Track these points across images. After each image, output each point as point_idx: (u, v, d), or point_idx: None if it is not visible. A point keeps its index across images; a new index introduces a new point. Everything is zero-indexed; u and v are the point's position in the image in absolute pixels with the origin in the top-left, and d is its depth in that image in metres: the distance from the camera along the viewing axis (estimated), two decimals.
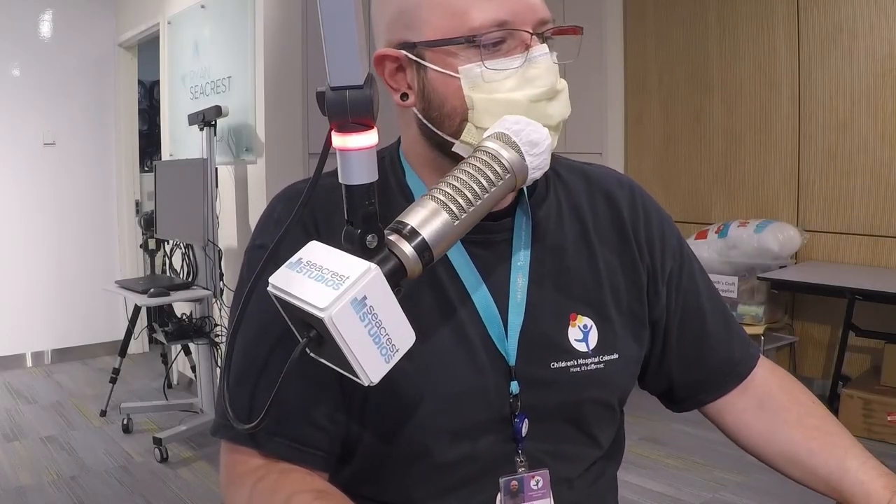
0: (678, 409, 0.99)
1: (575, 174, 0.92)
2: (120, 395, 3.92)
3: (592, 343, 0.83)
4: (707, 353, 0.94)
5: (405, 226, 0.64)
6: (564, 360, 0.82)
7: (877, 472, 0.83)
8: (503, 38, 0.74)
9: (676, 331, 0.92)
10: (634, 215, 0.91)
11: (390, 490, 0.82)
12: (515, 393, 0.80)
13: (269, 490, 0.73)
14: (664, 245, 0.92)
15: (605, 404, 0.86)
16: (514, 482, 0.81)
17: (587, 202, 0.89)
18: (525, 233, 0.84)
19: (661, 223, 0.93)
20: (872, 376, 3.54)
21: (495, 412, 0.80)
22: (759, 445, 0.94)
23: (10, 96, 4.55)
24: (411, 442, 0.78)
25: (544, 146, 0.71)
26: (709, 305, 0.94)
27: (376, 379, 0.60)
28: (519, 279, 0.82)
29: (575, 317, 0.84)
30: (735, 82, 4.12)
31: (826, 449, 0.88)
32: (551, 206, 0.87)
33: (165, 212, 3.78)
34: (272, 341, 0.76)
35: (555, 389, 0.82)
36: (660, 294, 0.90)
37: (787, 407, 0.94)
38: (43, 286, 4.70)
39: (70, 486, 2.97)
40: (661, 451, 3.14)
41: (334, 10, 0.57)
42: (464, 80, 0.74)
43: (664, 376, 0.94)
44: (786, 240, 3.68)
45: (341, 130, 0.61)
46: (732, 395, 0.95)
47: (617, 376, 0.86)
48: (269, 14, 3.41)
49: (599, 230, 0.88)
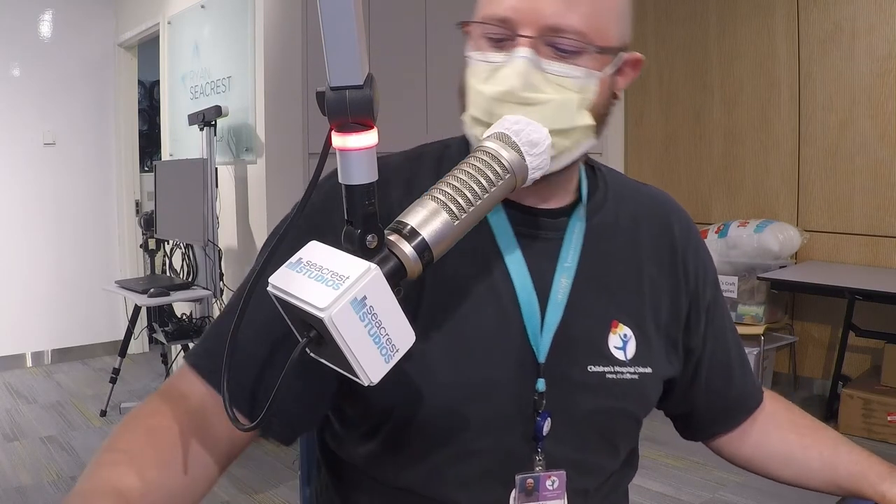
0: (690, 437, 1.01)
1: (635, 192, 0.93)
2: (120, 395, 3.92)
3: (630, 353, 0.84)
4: (730, 386, 0.96)
5: (405, 226, 0.64)
6: (602, 365, 0.82)
7: (867, 454, 0.90)
8: (504, 35, 0.75)
9: (707, 361, 0.94)
10: (686, 242, 0.92)
11: (407, 475, 0.81)
12: (541, 391, 0.80)
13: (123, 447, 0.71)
14: (706, 277, 0.93)
15: (632, 416, 0.87)
16: (529, 480, 0.81)
17: (644, 220, 0.90)
18: (577, 236, 0.84)
19: (706, 257, 0.95)
20: (872, 376, 3.54)
21: (520, 408, 0.80)
22: (757, 455, 0.97)
23: (10, 96, 4.55)
24: (439, 426, 0.78)
25: (544, 146, 0.71)
26: (732, 340, 0.97)
27: (376, 379, 0.60)
28: (563, 280, 0.82)
29: (616, 324, 0.84)
30: (735, 82, 4.12)
31: (818, 442, 0.93)
32: (608, 214, 0.88)
33: (165, 212, 3.78)
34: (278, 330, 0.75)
35: (588, 393, 0.82)
36: (700, 322, 0.92)
37: (777, 412, 0.99)
38: (43, 286, 4.70)
39: (70, 486, 2.96)
40: (661, 451, 3.14)
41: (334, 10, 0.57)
42: (467, 64, 0.78)
43: (688, 403, 0.96)
44: (786, 240, 3.68)
45: (341, 130, 0.61)
46: (741, 428, 0.98)
47: (649, 390, 0.86)
48: (269, 14, 3.41)
49: (650, 248, 0.89)
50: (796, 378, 3.97)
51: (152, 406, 0.75)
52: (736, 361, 0.97)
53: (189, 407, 0.74)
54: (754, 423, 0.98)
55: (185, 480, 0.71)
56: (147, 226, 4.17)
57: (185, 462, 0.71)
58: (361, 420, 0.82)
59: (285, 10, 3.43)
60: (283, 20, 3.43)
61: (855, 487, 0.88)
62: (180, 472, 0.71)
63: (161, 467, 0.70)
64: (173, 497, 0.70)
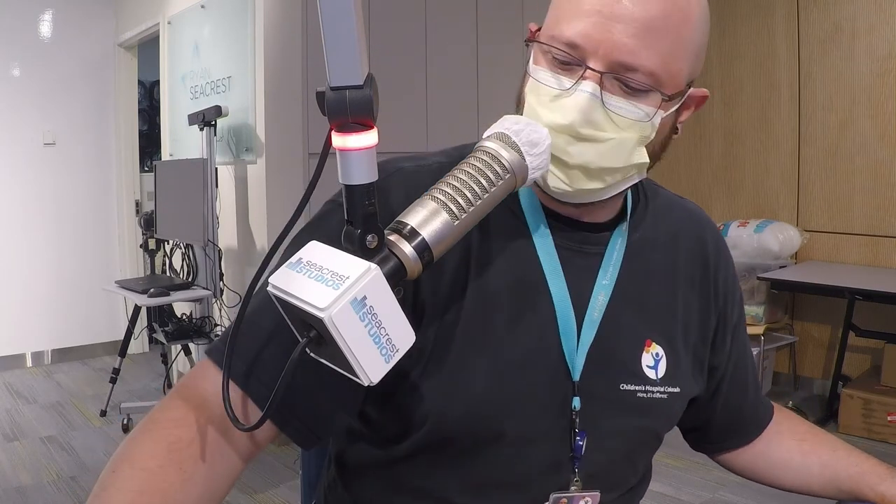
0: (702, 450, 1.02)
1: (674, 206, 0.93)
2: (120, 395, 3.92)
3: (661, 372, 0.84)
4: (746, 403, 0.97)
5: (405, 226, 0.64)
6: (634, 384, 0.82)
7: (865, 456, 0.90)
8: (573, 59, 0.72)
9: (728, 379, 0.94)
10: (718, 260, 0.92)
11: (431, 480, 0.81)
12: (577, 409, 0.79)
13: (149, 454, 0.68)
14: (735, 296, 0.94)
15: (657, 435, 0.88)
16: (563, 500, 0.80)
17: (683, 236, 0.90)
18: (619, 252, 0.83)
19: (735, 277, 0.95)
20: (872, 376, 3.54)
21: (552, 424, 0.79)
22: (758, 463, 0.98)
23: (10, 96, 4.55)
24: (471, 435, 0.78)
25: (544, 146, 0.71)
26: (750, 359, 0.98)
27: (376, 379, 0.60)
28: (601, 297, 0.81)
29: (650, 343, 0.84)
30: (735, 82, 4.12)
31: (816, 446, 0.94)
32: (647, 230, 0.87)
33: (165, 212, 3.78)
34: None
35: (619, 411, 0.82)
36: (726, 341, 0.92)
37: (778, 420, 1.00)
38: (43, 286, 4.70)
39: (70, 486, 2.97)
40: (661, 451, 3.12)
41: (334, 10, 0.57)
42: (529, 77, 0.76)
43: (704, 417, 0.97)
44: (786, 240, 3.68)
45: (341, 130, 0.61)
46: (750, 444, 0.99)
47: (675, 409, 0.87)
48: (269, 14, 3.41)
49: (686, 266, 0.89)
50: (796, 378, 3.97)
51: (173, 413, 0.71)
52: (751, 378, 0.98)
53: (212, 413, 0.71)
54: (760, 440, 0.99)
55: (206, 492, 0.70)
56: (147, 226, 4.16)
57: (207, 476, 0.70)
58: (391, 424, 0.81)
59: (285, 10, 3.43)
60: (283, 20, 3.43)
61: (855, 489, 0.88)
62: (202, 488, 0.70)
63: (184, 488, 0.68)
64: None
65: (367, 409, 0.82)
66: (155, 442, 0.69)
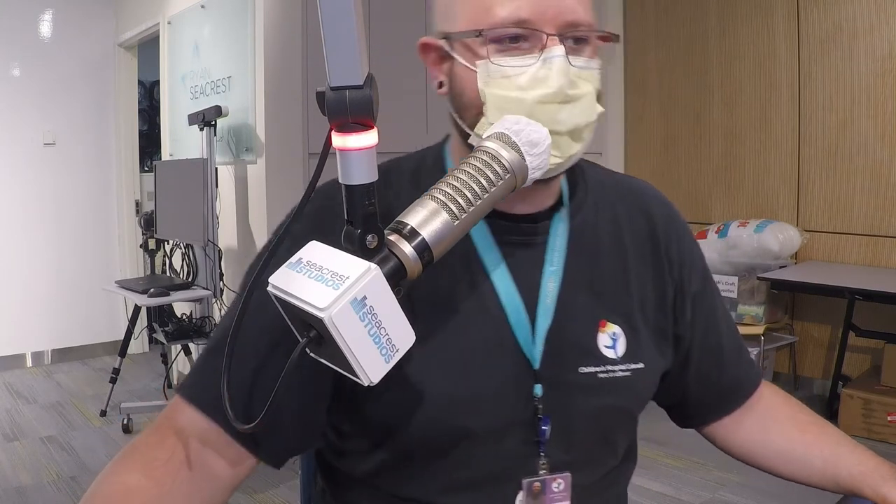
0: (684, 424, 1.02)
1: (614, 184, 0.93)
2: (120, 395, 3.92)
3: (621, 351, 0.84)
4: (721, 372, 0.96)
5: (405, 226, 0.64)
6: (593, 365, 0.83)
7: (869, 454, 0.89)
8: (523, 36, 0.74)
9: (697, 348, 0.94)
10: (668, 232, 0.92)
11: (411, 485, 0.82)
12: (539, 396, 0.80)
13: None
14: (693, 265, 0.93)
15: (628, 412, 0.88)
16: (536, 483, 0.81)
17: (624, 213, 0.90)
18: (562, 238, 0.84)
19: (692, 245, 0.95)
20: (872, 376, 3.54)
21: (520, 414, 0.80)
22: (755, 449, 0.97)
23: (10, 96, 4.55)
24: (438, 438, 0.79)
25: (544, 146, 0.71)
26: (724, 326, 0.97)
27: (376, 379, 0.60)
28: (550, 283, 0.82)
29: (605, 324, 0.84)
30: (735, 82, 4.12)
31: (819, 439, 0.93)
32: (589, 213, 0.88)
33: (165, 212, 3.78)
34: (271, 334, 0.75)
35: (582, 394, 0.82)
36: (686, 310, 0.92)
37: (778, 406, 0.98)
38: (43, 286, 4.70)
39: (70, 486, 2.97)
40: (661, 451, 3.14)
41: (334, 10, 0.57)
42: (479, 74, 0.75)
43: (679, 391, 0.96)
44: (786, 240, 3.68)
45: (341, 130, 0.61)
46: (735, 414, 0.98)
47: (641, 386, 0.87)
48: (269, 14, 3.41)
49: (633, 241, 0.89)
50: (796, 378, 3.97)
51: (150, 439, 0.75)
52: (728, 347, 0.96)
53: (187, 441, 0.74)
54: (750, 413, 0.97)
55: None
56: (147, 226, 4.17)
57: (187, 493, 0.72)
58: (361, 436, 0.82)
59: (285, 10, 3.43)
60: (283, 20, 3.43)
61: (856, 489, 0.87)
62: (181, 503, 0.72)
63: (162, 501, 0.70)
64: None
65: (338, 424, 0.83)
66: (133, 461, 0.72)
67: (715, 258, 3.76)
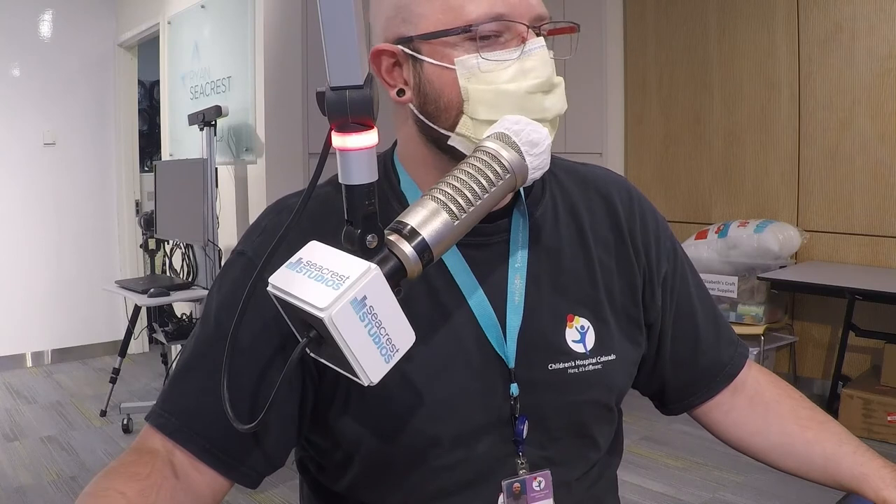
0: (669, 411, 0.99)
1: (571, 175, 0.92)
2: (120, 395, 3.92)
3: (590, 344, 0.83)
4: (698, 355, 0.94)
5: (405, 226, 0.64)
6: (562, 362, 0.82)
7: (871, 454, 0.88)
8: (500, 31, 0.75)
9: (670, 333, 0.92)
10: (631, 217, 0.91)
11: (390, 495, 0.82)
12: (515, 395, 0.80)
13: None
14: (659, 247, 0.92)
15: (603, 405, 0.87)
16: (516, 484, 0.80)
17: (584, 203, 0.89)
18: (522, 234, 0.83)
19: (657, 226, 0.93)
20: (872, 376, 3.54)
21: (494, 415, 0.80)
22: (754, 441, 0.95)
23: (10, 96, 4.55)
24: (410, 447, 0.78)
25: (544, 146, 0.71)
26: (700, 307, 0.95)
27: (376, 379, 0.60)
28: (517, 280, 0.82)
29: (572, 318, 0.84)
30: (735, 82, 4.12)
31: (822, 437, 0.91)
32: (548, 206, 0.87)
33: (165, 212, 3.78)
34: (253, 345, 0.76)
35: (553, 391, 0.82)
36: (655, 296, 0.91)
37: (779, 400, 0.96)
38: (43, 286, 4.70)
39: (70, 486, 2.97)
40: (661, 451, 3.14)
41: (334, 10, 0.57)
42: (460, 70, 0.75)
43: (657, 378, 0.95)
44: (786, 240, 3.68)
45: (341, 130, 0.61)
46: (722, 396, 0.96)
47: (615, 377, 0.86)
48: (269, 14, 3.41)
49: (596, 231, 0.88)
50: (796, 378, 3.97)
51: (128, 458, 0.75)
52: (705, 330, 0.94)
53: (164, 461, 0.74)
54: (740, 395, 0.96)
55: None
56: (147, 226, 4.16)
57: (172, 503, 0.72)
58: (335, 450, 0.82)
59: (285, 10, 3.43)
60: (283, 20, 3.43)
61: (856, 490, 0.87)
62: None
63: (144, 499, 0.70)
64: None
65: (313, 440, 0.83)
66: (116, 476, 0.72)
67: (715, 258, 3.76)
